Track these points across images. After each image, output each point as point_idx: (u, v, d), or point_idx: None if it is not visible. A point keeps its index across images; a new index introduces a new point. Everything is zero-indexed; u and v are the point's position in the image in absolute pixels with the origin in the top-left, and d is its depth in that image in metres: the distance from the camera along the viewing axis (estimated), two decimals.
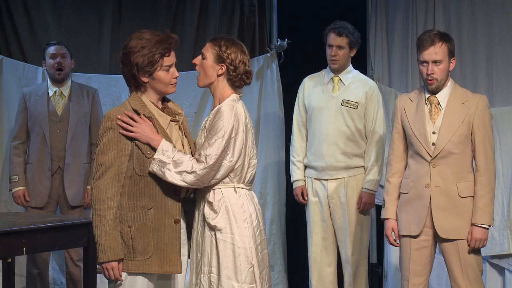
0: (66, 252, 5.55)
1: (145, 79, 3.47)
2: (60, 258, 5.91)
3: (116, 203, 3.38)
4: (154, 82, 3.49)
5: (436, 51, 4.10)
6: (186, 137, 3.61)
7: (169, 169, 3.40)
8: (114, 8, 6.24)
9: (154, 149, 3.42)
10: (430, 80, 4.13)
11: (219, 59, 3.57)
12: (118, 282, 3.42)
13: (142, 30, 3.54)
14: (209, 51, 3.59)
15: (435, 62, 4.11)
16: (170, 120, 3.55)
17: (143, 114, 3.44)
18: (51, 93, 5.55)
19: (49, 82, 5.57)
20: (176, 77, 3.52)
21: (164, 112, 3.55)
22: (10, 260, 4.43)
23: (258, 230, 3.59)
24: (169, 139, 3.48)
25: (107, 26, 6.22)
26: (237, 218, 3.52)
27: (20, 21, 6.07)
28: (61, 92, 5.56)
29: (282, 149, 6.20)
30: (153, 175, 3.43)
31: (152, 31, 3.51)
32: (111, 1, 6.23)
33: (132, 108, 3.46)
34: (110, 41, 6.21)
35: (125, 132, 3.40)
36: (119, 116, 3.40)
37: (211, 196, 3.53)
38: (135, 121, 3.41)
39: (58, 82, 5.55)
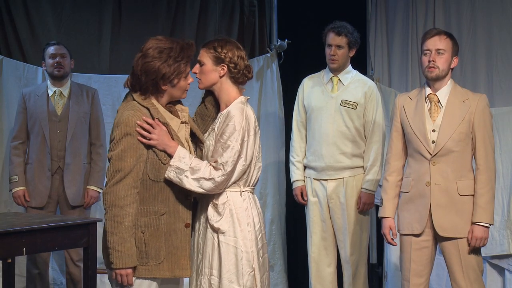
0: (66, 252, 5.55)
1: (165, 87, 3.47)
2: (60, 258, 5.91)
3: (134, 209, 3.37)
4: (173, 89, 3.48)
5: (440, 40, 4.14)
6: (192, 131, 3.61)
7: (186, 176, 3.41)
8: (114, 8, 6.24)
9: (170, 156, 3.42)
10: (431, 67, 4.13)
11: (218, 60, 3.56)
12: (127, 286, 3.42)
13: (157, 36, 3.50)
14: (205, 56, 3.58)
15: (438, 50, 4.12)
16: (180, 122, 3.54)
17: (157, 119, 3.42)
18: (50, 93, 5.54)
19: (48, 82, 5.57)
20: (189, 83, 3.53)
21: (172, 113, 3.54)
22: (10, 260, 4.42)
23: (260, 234, 3.59)
24: (182, 144, 3.48)
25: (107, 26, 6.23)
26: (241, 221, 3.52)
27: (20, 21, 6.07)
28: (61, 92, 5.56)
29: (282, 149, 6.21)
30: (166, 180, 3.43)
31: (167, 38, 3.49)
32: (111, 1, 6.23)
33: (150, 113, 3.43)
34: (110, 41, 6.21)
35: (144, 140, 3.39)
36: (139, 122, 3.38)
37: (216, 198, 3.53)
38: (153, 127, 3.40)
39: (57, 80, 5.54)
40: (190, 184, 3.41)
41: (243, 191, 3.56)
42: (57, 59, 5.51)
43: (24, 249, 3.90)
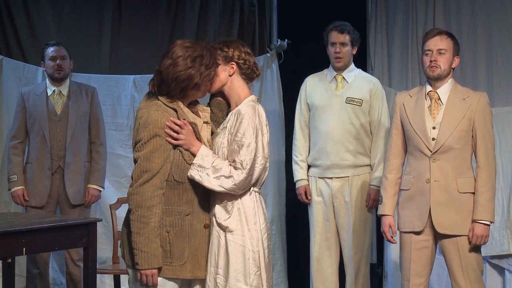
0: (66, 252, 5.55)
1: (192, 92, 3.47)
2: (60, 258, 5.91)
3: (159, 210, 3.37)
4: (199, 91, 3.49)
5: (442, 40, 4.15)
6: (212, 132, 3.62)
7: (207, 174, 3.41)
8: (114, 8, 6.24)
9: (194, 155, 3.43)
10: (433, 67, 4.13)
11: (226, 59, 3.57)
12: (153, 287, 3.42)
13: (183, 41, 3.45)
14: None
15: (439, 50, 4.13)
16: (203, 122, 3.55)
17: (184, 119, 3.43)
18: (49, 93, 5.54)
19: (47, 81, 5.56)
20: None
21: (195, 114, 3.54)
22: (10, 260, 4.42)
23: (265, 234, 3.59)
24: (205, 144, 3.49)
25: (107, 26, 6.23)
26: (249, 220, 3.51)
27: (20, 21, 6.07)
28: (60, 91, 5.56)
29: (282, 149, 6.20)
30: (190, 180, 3.43)
31: (194, 44, 3.46)
32: (111, 1, 6.23)
33: (177, 114, 3.44)
34: (110, 41, 6.21)
35: (172, 141, 3.39)
36: (168, 123, 3.38)
37: (225, 198, 3.52)
38: (181, 128, 3.40)
39: (57, 81, 5.55)
40: (211, 182, 3.41)
41: (252, 191, 3.55)
42: (58, 61, 5.50)
43: (24, 249, 3.91)
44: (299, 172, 5.27)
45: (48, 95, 5.53)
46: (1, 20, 6.04)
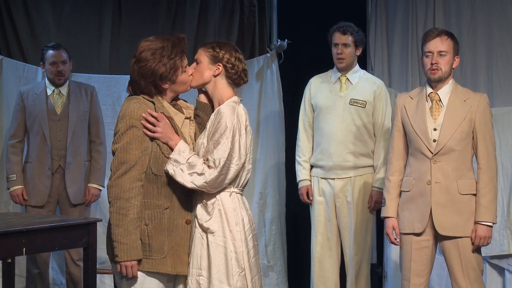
0: (66, 252, 5.55)
1: (166, 86, 3.48)
2: (60, 258, 5.91)
3: (138, 202, 3.37)
4: (175, 85, 3.50)
5: (442, 42, 4.14)
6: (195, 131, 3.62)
7: (181, 170, 3.41)
8: (114, 8, 6.24)
9: (172, 149, 3.44)
10: (434, 69, 4.13)
11: (215, 60, 3.57)
12: (132, 280, 3.42)
13: (147, 38, 3.51)
14: (202, 55, 3.58)
15: (440, 52, 4.13)
16: (185, 118, 3.55)
17: (162, 112, 3.44)
18: (49, 92, 5.54)
19: (47, 80, 5.56)
20: (190, 75, 3.55)
21: (176, 109, 3.55)
22: (10, 260, 4.42)
23: (250, 235, 3.57)
24: (185, 140, 3.49)
25: (107, 26, 6.23)
26: (230, 221, 3.50)
27: (20, 21, 6.07)
28: (60, 91, 5.55)
29: (282, 150, 6.20)
30: (168, 175, 3.43)
31: (157, 37, 3.50)
32: (111, 1, 6.24)
33: (155, 107, 3.44)
34: (110, 41, 6.21)
35: (148, 133, 3.40)
36: (144, 115, 3.39)
37: (205, 197, 3.52)
38: (158, 120, 3.41)
39: (57, 85, 5.55)
40: (184, 178, 3.41)
41: (231, 192, 3.55)
42: (58, 67, 5.48)
43: (24, 249, 3.90)
44: (301, 173, 5.27)
45: (48, 94, 5.53)
46: (1, 20, 6.04)
